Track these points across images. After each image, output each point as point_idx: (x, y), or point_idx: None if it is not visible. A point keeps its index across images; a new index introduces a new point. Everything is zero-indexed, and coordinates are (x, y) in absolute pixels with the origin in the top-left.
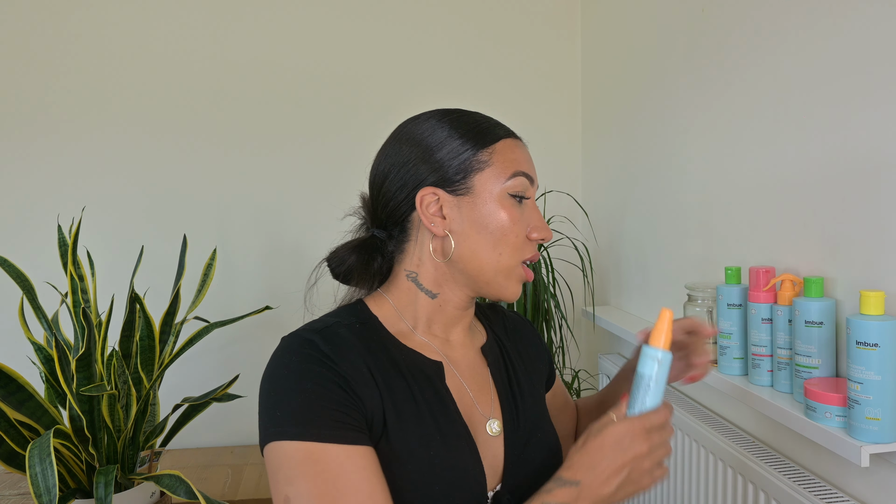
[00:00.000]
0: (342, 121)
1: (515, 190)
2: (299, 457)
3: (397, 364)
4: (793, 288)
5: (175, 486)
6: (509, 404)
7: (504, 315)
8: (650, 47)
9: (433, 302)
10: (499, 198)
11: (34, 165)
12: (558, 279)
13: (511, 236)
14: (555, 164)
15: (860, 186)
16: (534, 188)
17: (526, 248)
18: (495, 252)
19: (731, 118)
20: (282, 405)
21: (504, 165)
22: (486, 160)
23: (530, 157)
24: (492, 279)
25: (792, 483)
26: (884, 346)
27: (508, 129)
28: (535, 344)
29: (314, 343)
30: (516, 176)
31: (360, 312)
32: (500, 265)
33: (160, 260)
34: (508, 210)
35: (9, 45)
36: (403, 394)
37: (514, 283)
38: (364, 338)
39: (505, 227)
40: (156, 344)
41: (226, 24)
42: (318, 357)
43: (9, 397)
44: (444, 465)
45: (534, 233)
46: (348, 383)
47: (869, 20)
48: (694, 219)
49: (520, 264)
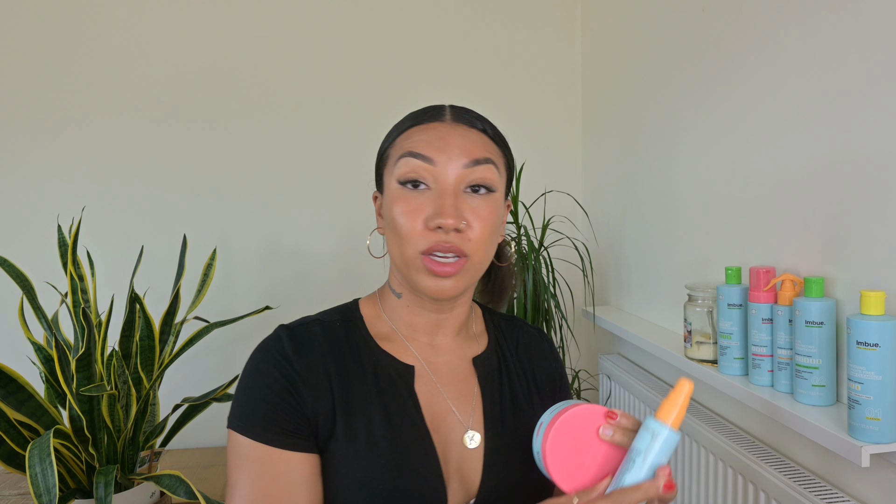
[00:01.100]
0: (342, 121)
1: (403, 175)
2: (238, 449)
3: (363, 365)
4: (793, 288)
5: (175, 486)
6: (495, 419)
7: (521, 330)
8: (650, 47)
9: (400, 302)
10: (393, 189)
11: (34, 165)
12: (558, 279)
13: (404, 228)
14: (555, 164)
15: (860, 186)
16: (440, 169)
17: (422, 238)
18: (396, 247)
19: (731, 118)
20: (238, 397)
21: (395, 153)
22: (389, 154)
23: (447, 138)
24: (406, 274)
25: (792, 483)
26: (884, 346)
27: (424, 117)
28: (548, 366)
29: (280, 341)
30: (402, 158)
31: (348, 311)
32: (404, 259)
33: (160, 260)
34: (399, 200)
35: (9, 45)
36: (361, 395)
37: (422, 277)
38: (337, 337)
39: (396, 219)
40: (156, 344)
41: (227, 25)
42: (276, 357)
43: (9, 397)
44: (390, 466)
45: (430, 220)
46: (297, 385)
47: (869, 20)
48: (694, 219)
49: (419, 256)
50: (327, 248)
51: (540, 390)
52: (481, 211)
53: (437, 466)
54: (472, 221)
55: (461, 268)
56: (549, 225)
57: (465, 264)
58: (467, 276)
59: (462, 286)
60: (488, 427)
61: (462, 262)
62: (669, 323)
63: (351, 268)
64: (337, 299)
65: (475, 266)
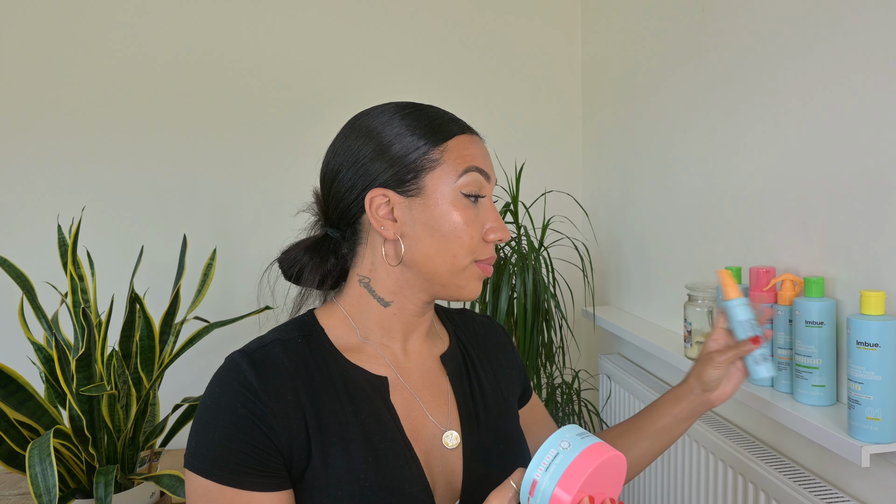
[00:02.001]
0: (342, 119)
1: (468, 189)
2: (200, 492)
3: (334, 383)
4: (793, 288)
5: (175, 486)
6: (469, 414)
7: (474, 320)
8: (650, 47)
9: (386, 311)
10: (451, 198)
11: (34, 165)
12: (558, 279)
13: (465, 238)
14: (555, 164)
15: (860, 186)
16: (490, 185)
17: (481, 249)
18: (448, 255)
19: (731, 118)
20: (199, 436)
21: (456, 163)
22: (437, 158)
23: (487, 152)
24: (447, 282)
25: (792, 483)
26: (884, 346)
27: (464, 125)
28: (507, 351)
29: (240, 370)
30: (469, 172)
31: (307, 325)
32: (455, 267)
33: (160, 260)
34: (462, 210)
35: (8, 45)
36: (335, 416)
37: (472, 282)
38: (302, 357)
39: (458, 229)
40: (156, 344)
41: (226, 25)
42: (238, 389)
43: (9, 397)
44: (375, 488)
45: (490, 234)
46: (266, 418)
47: (870, 21)
48: (694, 219)
49: (474, 263)
50: None
51: (504, 378)
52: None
53: (423, 478)
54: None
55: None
56: (548, 225)
57: None
58: None
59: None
60: (464, 424)
61: None
62: (669, 323)
63: None
64: None
65: None
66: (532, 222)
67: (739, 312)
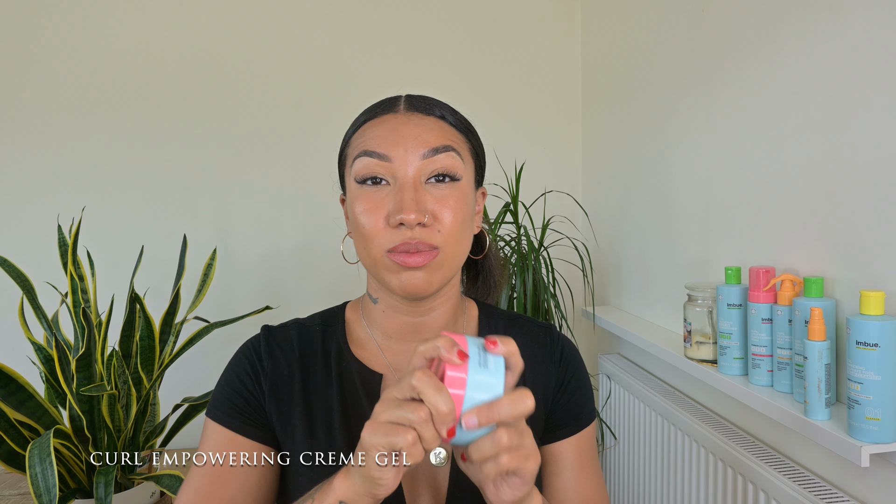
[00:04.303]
0: (342, 120)
1: (360, 174)
2: (205, 429)
3: (330, 372)
4: (793, 288)
5: (175, 486)
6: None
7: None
8: (650, 47)
9: (377, 308)
10: (353, 189)
11: (34, 165)
12: (558, 279)
13: (367, 227)
14: (555, 164)
15: (860, 186)
16: (396, 164)
17: (386, 236)
18: (362, 248)
19: (730, 118)
20: (215, 387)
21: (352, 152)
22: (346, 154)
23: (398, 129)
24: (376, 274)
25: (792, 483)
26: (884, 346)
27: (378, 110)
28: (544, 371)
29: (258, 340)
30: (358, 158)
31: (332, 316)
32: (372, 262)
33: (160, 260)
34: (360, 199)
35: (8, 45)
36: (323, 402)
37: (392, 277)
38: (312, 343)
39: (358, 218)
40: (156, 344)
41: (225, 24)
42: (249, 352)
43: (9, 397)
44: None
45: (390, 216)
46: (259, 377)
47: (870, 20)
48: (694, 219)
49: (385, 255)
50: (327, 247)
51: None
52: (448, 200)
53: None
54: (439, 212)
55: (433, 258)
56: (548, 225)
57: (436, 255)
58: (441, 271)
59: (436, 281)
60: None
61: (433, 254)
62: (669, 323)
63: (351, 268)
64: (337, 299)
65: (448, 258)
66: (532, 222)
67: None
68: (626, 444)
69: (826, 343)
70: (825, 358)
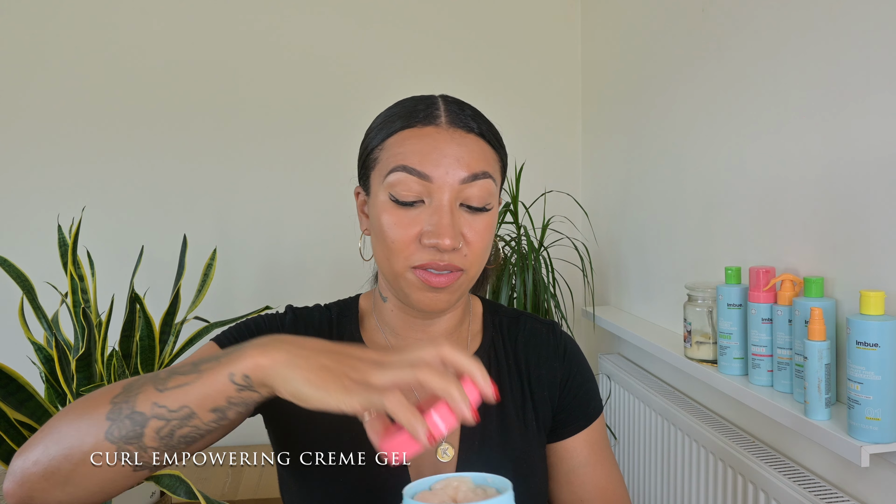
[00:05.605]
0: (342, 119)
1: (396, 190)
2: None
3: None
4: (793, 288)
5: (175, 486)
6: (472, 432)
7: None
8: (650, 47)
9: (386, 306)
10: (383, 200)
11: (34, 165)
12: (558, 279)
13: (396, 242)
14: (555, 164)
15: (860, 186)
16: (437, 185)
17: (415, 253)
18: (384, 257)
19: (731, 118)
20: (228, 327)
21: (387, 162)
22: (378, 158)
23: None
24: (394, 284)
25: (792, 483)
26: (884, 346)
27: (416, 119)
28: (550, 367)
29: (286, 313)
30: (393, 172)
31: (345, 307)
32: (393, 271)
33: (160, 260)
34: (389, 212)
35: (8, 45)
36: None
37: (413, 291)
38: (326, 329)
39: (385, 231)
40: (156, 344)
41: (225, 24)
42: (273, 318)
43: (9, 397)
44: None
45: (424, 237)
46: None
47: (870, 21)
48: (694, 219)
49: (410, 270)
50: (327, 247)
51: (535, 395)
52: (477, 225)
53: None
54: (470, 237)
55: (455, 280)
56: (548, 225)
57: (459, 277)
58: (461, 290)
59: (455, 300)
60: (463, 440)
61: (457, 276)
62: (669, 323)
63: (351, 268)
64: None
65: (469, 279)
66: (532, 222)
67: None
68: (627, 444)
69: (826, 343)
70: (825, 358)
